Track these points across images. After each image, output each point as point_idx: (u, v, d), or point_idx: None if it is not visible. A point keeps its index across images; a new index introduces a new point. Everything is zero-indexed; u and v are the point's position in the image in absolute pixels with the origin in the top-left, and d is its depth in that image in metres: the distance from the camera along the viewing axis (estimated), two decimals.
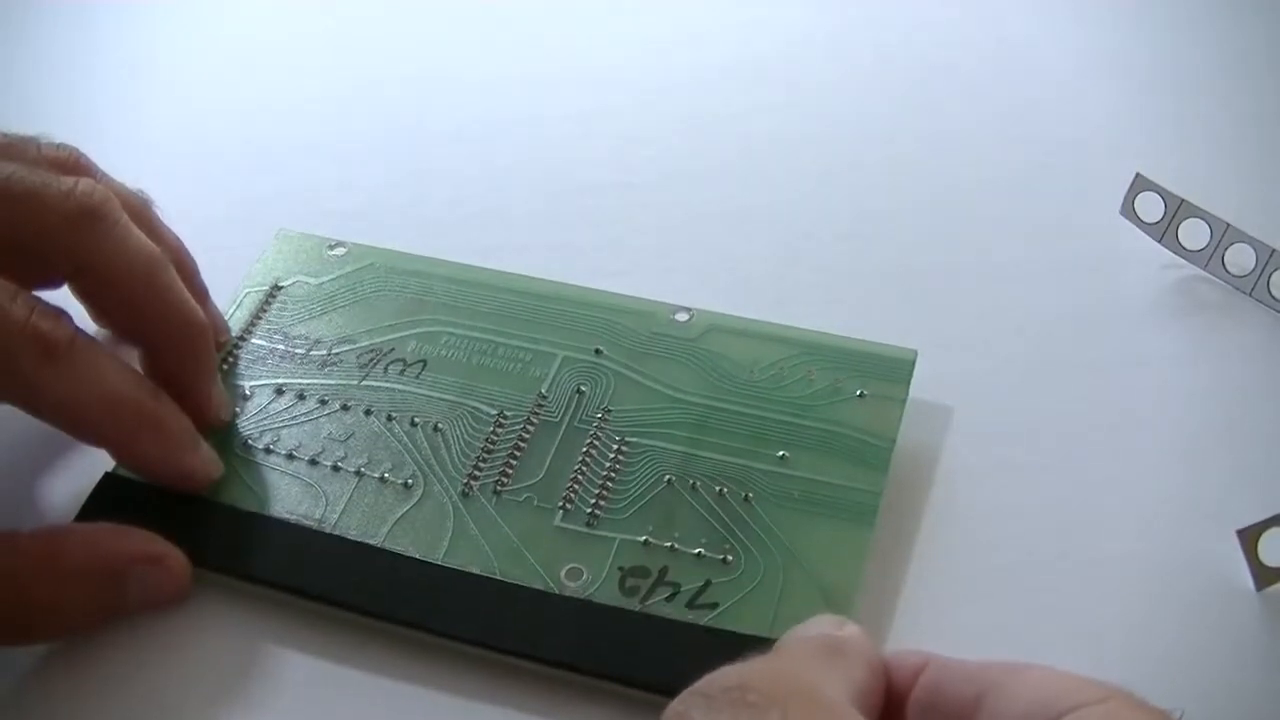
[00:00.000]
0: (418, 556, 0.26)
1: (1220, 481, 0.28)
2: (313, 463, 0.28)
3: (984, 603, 0.26)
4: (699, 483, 0.27)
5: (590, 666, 0.25)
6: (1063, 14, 0.40)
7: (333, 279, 0.32)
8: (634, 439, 0.28)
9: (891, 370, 0.29)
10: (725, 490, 0.27)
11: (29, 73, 0.41)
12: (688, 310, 0.31)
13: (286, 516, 0.27)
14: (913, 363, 0.29)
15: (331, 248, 0.33)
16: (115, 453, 0.27)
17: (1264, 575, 0.26)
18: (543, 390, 0.29)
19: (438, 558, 0.26)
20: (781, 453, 0.28)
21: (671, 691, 0.24)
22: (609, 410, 0.29)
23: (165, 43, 0.42)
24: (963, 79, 0.39)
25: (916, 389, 0.29)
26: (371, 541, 0.27)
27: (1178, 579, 0.26)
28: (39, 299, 0.26)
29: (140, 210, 0.29)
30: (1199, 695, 0.24)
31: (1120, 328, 0.31)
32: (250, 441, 0.29)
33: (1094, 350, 0.31)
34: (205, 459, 0.28)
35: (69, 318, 0.26)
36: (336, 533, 0.27)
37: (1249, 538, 0.26)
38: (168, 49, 0.42)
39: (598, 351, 0.30)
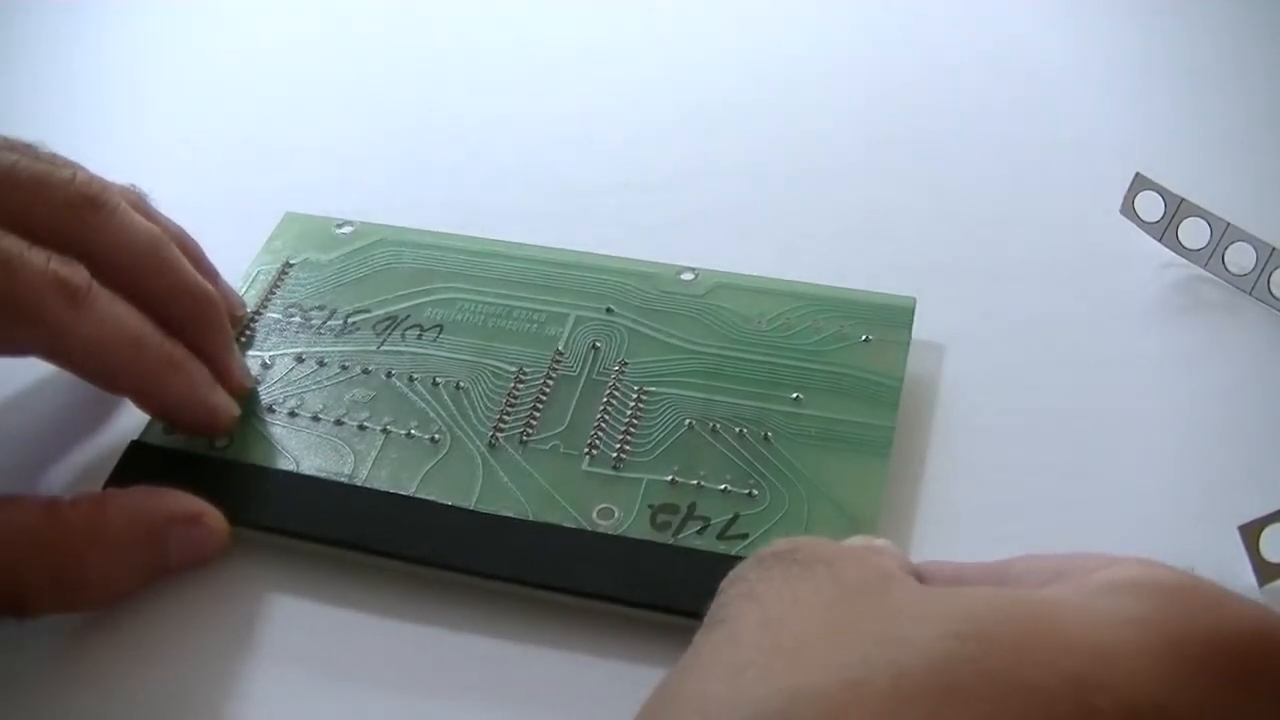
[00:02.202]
0: (449, 504, 0.27)
1: (1222, 478, 0.28)
2: (338, 423, 0.29)
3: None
4: (719, 425, 0.28)
5: (631, 597, 0.25)
6: (1063, 13, 0.41)
7: (343, 255, 0.33)
8: (652, 388, 0.29)
9: (893, 316, 0.30)
10: (745, 430, 0.28)
11: (23, 54, 0.41)
12: (693, 270, 0.32)
13: (316, 473, 0.28)
14: (912, 309, 0.30)
15: (339, 226, 0.33)
16: (142, 394, 0.28)
17: (1266, 571, 0.26)
18: (559, 347, 0.30)
19: (470, 505, 0.27)
20: (795, 394, 0.29)
21: None
22: (625, 363, 0.30)
23: (165, 27, 0.43)
24: (963, 78, 0.39)
25: (914, 386, 0.29)
26: (403, 493, 0.27)
27: None
28: (66, 256, 0.26)
29: (136, 201, 0.30)
30: None
31: (1120, 327, 0.32)
32: (274, 406, 0.29)
33: (1094, 349, 0.31)
34: (225, 399, 0.28)
35: (83, 266, 0.27)
36: (368, 486, 0.27)
37: (1251, 533, 0.26)
38: (169, 34, 0.43)
39: (609, 310, 0.31)
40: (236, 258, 0.32)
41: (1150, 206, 0.32)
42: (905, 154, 0.37)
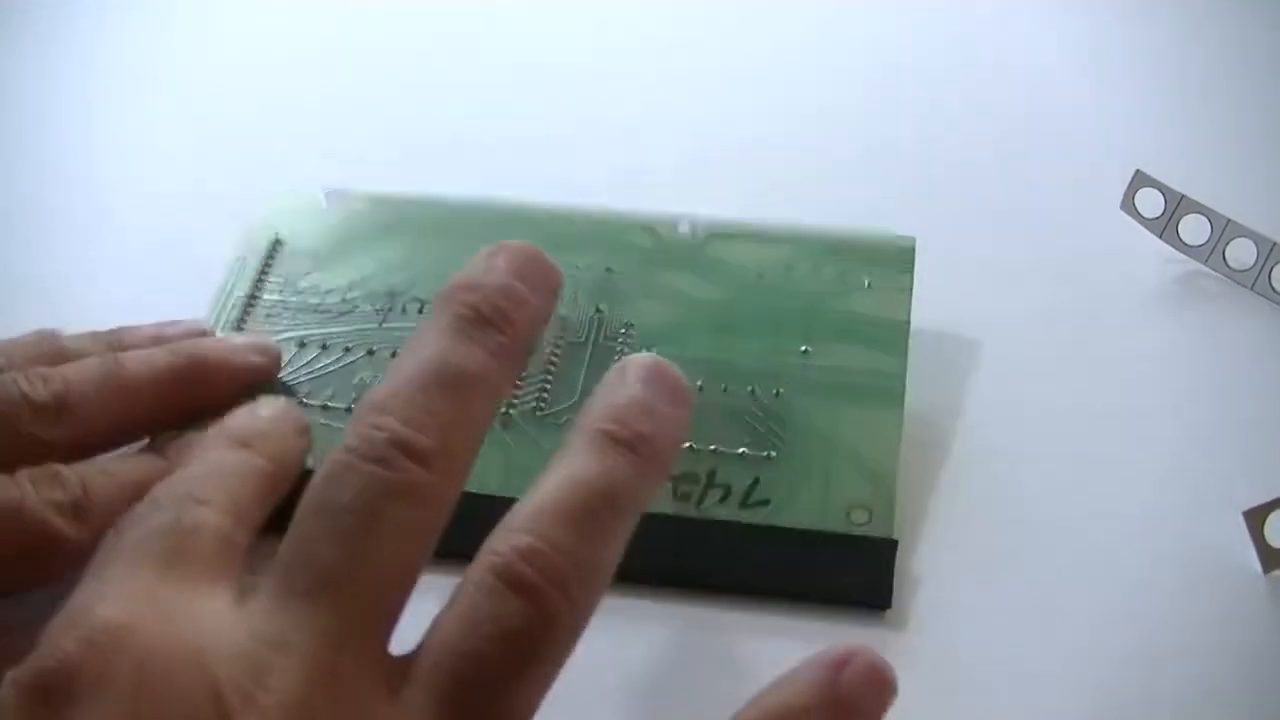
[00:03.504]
0: (471, 490, 0.27)
1: (1225, 468, 0.28)
2: (349, 411, 0.28)
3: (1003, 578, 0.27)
4: (729, 385, 0.28)
5: (663, 575, 0.26)
6: (1064, 9, 0.41)
7: (333, 226, 0.32)
8: (660, 350, 0.29)
9: (894, 259, 0.30)
10: (756, 388, 0.28)
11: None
12: (689, 221, 0.31)
13: None
14: (913, 249, 0.30)
15: (327, 196, 0.33)
16: None
17: (1271, 557, 0.26)
18: (563, 313, 0.30)
19: (491, 489, 0.27)
20: (803, 346, 0.29)
21: (740, 591, 0.25)
22: (631, 325, 0.29)
23: (139, 14, 0.42)
24: (964, 75, 0.39)
25: (916, 385, 0.29)
26: None
27: (1184, 561, 0.27)
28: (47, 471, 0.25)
29: (113, 382, 0.27)
30: (1206, 676, 0.25)
31: (1122, 323, 0.32)
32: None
33: (1096, 345, 0.31)
34: (250, 348, 0.28)
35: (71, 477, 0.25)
36: None
37: (1255, 519, 0.26)
38: (144, 23, 0.42)
39: (609, 270, 0.31)
40: (223, 239, 0.32)
41: (1150, 203, 0.32)
42: (906, 153, 0.36)
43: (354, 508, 0.20)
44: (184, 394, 0.27)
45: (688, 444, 0.27)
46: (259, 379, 0.28)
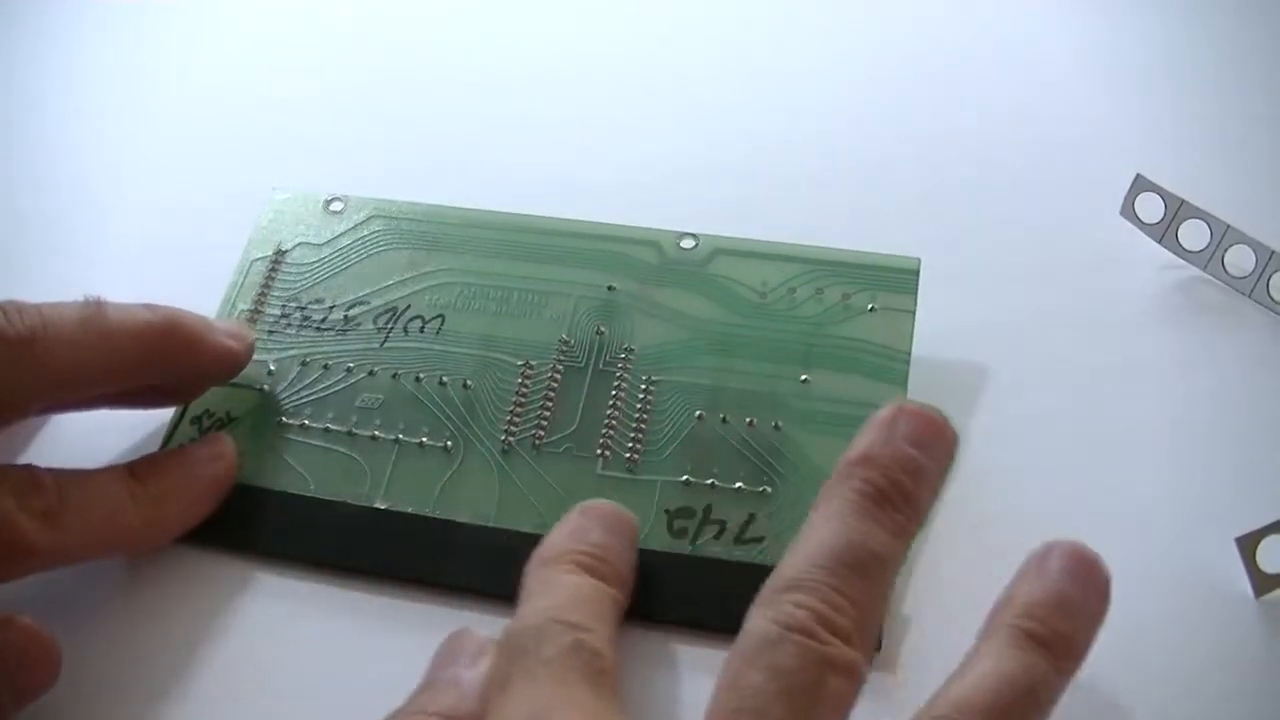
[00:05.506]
0: (471, 521, 0.27)
1: (1219, 486, 0.28)
2: (350, 435, 0.29)
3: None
4: (728, 415, 0.28)
5: (657, 615, 0.26)
6: (1063, 13, 0.40)
7: (336, 238, 0.32)
8: (660, 376, 0.29)
9: (898, 281, 0.30)
10: (754, 420, 0.28)
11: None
12: (693, 236, 0.31)
13: (333, 497, 0.28)
14: (917, 271, 0.30)
15: (329, 203, 0.33)
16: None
17: (1263, 582, 0.26)
18: (564, 335, 0.30)
19: (490, 520, 0.27)
20: (803, 376, 0.29)
21: (733, 630, 0.26)
22: (631, 350, 0.29)
23: (130, 16, 0.42)
24: (962, 78, 0.38)
25: (914, 391, 0.29)
26: (424, 512, 0.27)
27: (1176, 585, 0.26)
28: (28, 476, 0.25)
29: (93, 325, 0.27)
30: (1198, 702, 0.25)
31: (1119, 329, 0.31)
32: (285, 419, 0.29)
33: (1093, 352, 0.31)
34: (227, 332, 0.29)
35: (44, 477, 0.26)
36: (385, 506, 0.28)
37: (1248, 545, 0.26)
38: (138, 24, 0.41)
39: (610, 289, 0.30)
40: (229, 242, 0.32)
41: (1150, 208, 0.32)
42: (905, 155, 0.36)
43: (800, 671, 0.21)
44: (159, 352, 0.27)
45: (684, 478, 0.28)
46: (232, 362, 0.29)
